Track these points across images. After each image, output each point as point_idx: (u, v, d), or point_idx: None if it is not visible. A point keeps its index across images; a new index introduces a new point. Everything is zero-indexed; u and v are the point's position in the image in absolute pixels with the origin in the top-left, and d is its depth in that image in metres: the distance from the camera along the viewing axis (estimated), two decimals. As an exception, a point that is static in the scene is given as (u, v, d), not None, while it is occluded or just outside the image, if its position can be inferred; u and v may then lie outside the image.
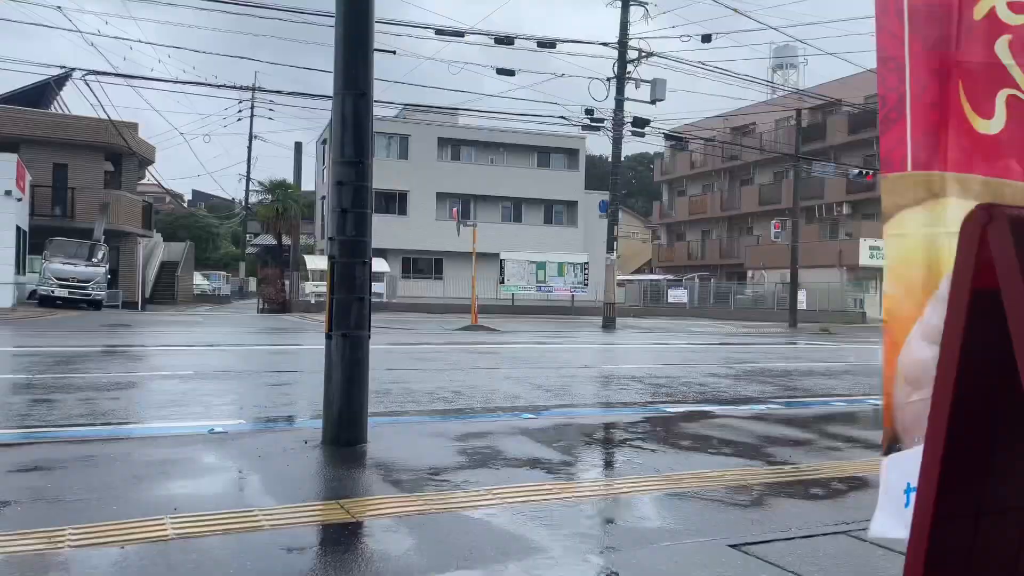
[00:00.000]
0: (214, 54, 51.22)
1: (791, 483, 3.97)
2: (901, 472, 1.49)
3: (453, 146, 42.29)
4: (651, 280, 45.40)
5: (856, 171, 33.22)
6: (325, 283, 4.71)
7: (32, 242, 27.27)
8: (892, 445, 1.56)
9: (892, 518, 1.50)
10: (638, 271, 55.99)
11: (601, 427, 5.57)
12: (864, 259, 36.53)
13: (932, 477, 1.11)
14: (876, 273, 38.08)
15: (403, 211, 40.25)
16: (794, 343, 18.43)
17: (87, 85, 20.87)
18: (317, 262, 32.56)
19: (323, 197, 43.86)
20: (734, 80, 44.86)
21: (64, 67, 24.35)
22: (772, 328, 27.27)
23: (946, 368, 1.12)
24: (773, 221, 34.62)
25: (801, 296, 32.57)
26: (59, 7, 25.30)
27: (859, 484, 4.02)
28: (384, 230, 36.02)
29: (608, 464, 4.48)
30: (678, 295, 40.37)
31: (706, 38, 23.73)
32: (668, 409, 6.61)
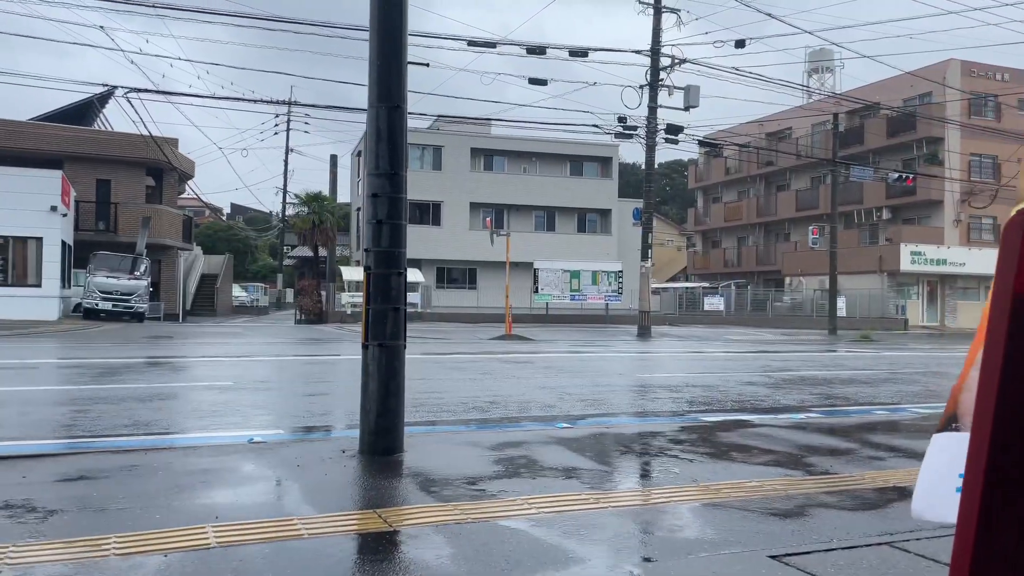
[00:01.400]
0: (250, 69, 52.17)
1: (832, 493, 3.91)
2: (954, 453, 1.43)
3: (486, 156, 42.45)
4: (687, 288, 45.02)
5: (896, 175, 32.65)
6: (361, 293, 4.76)
7: (77, 256, 27.96)
8: (949, 424, 1.50)
9: (939, 500, 1.44)
10: (673, 279, 55.57)
11: (637, 436, 5.53)
12: (905, 264, 35.86)
13: (976, 487, 1.09)
14: (918, 278, 37.37)
15: (437, 221, 40.48)
16: (834, 350, 18.13)
17: (128, 102, 21.35)
18: (353, 273, 32.88)
19: (358, 208, 44.30)
20: (769, 85, 44.43)
21: (106, 85, 24.97)
22: (811, 335, 26.86)
23: (989, 375, 1.10)
24: (811, 227, 34.15)
25: (840, 303, 32.05)
26: (101, 27, 26.04)
27: (903, 494, 3.94)
28: (418, 240, 36.24)
29: (645, 474, 4.44)
30: (714, 303, 39.98)
31: (740, 43, 23.55)
32: (705, 418, 6.54)
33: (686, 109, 24.03)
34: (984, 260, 36.70)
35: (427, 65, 15.59)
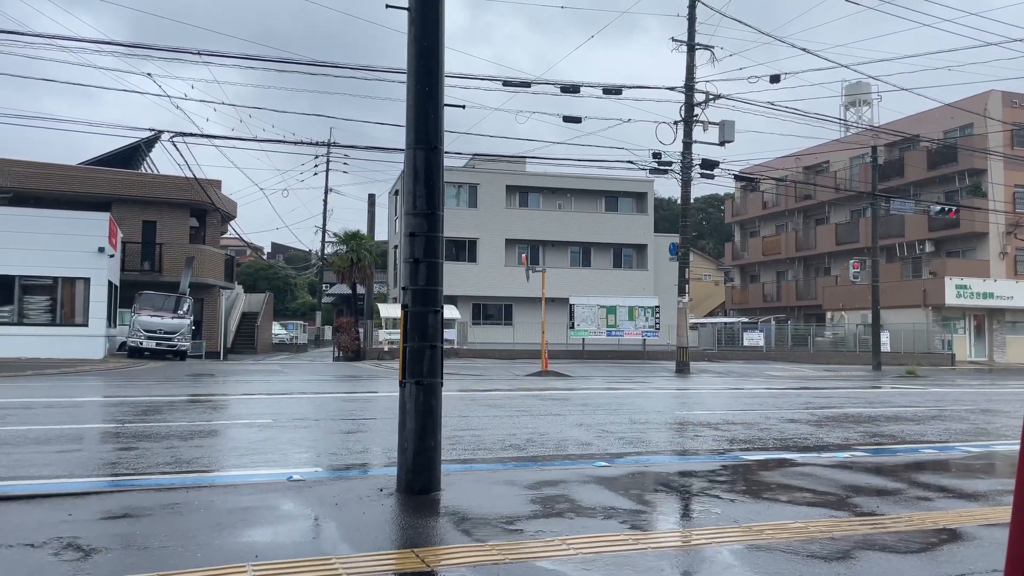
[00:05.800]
0: (292, 112, 53.39)
1: (879, 535, 3.80)
2: None
3: (521, 193, 42.75)
4: (725, 323, 44.49)
5: (938, 207, 32.11)
6: (398, 331, 4.80)
7: (122, 295, 28.62)
8: None
9: None
10: (711, 314, 54.99)
11: (677, 475, 5.45)
12: (951, 298, 35.08)
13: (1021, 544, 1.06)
14: (964, 312, 36.50)
15: (473, 258, 40.73)
16: (878, 387, 17.71)
17: (174, 146, 21.97)
18: (390, 310, 33.16)
19: (395, 246, 44.79)
20: (805, 119, 44.29)
21: (153, 130, 25.78)
22: (854, 371, 26.31)
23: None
24: (851, 260, 33.64)
25: (884, 337, 31.39)
26: (149, 74, 26.91)
27: (953, 537, 3.81)
28: (454, 277, 36.50)
29: (685, 514, 4.37)
30: (754, 338, 39.41)
31: (775, 78, 23.52)
32: (746, 457, 6.43)
33: (721, 144, 23.99)
34: (1033, 293, 35.77)
35: (463, 108, 15.86)
